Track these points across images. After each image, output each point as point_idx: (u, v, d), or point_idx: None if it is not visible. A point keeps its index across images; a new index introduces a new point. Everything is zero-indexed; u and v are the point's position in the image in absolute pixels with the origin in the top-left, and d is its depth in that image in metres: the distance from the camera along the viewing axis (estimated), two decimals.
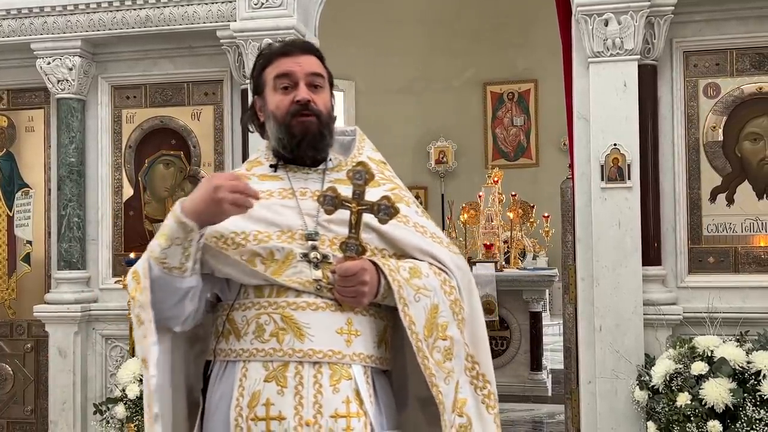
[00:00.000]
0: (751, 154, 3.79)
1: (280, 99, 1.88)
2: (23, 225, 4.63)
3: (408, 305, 1.76)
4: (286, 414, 1.72)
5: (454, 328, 1.81)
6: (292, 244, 1.80)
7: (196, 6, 4.19)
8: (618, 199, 3.66)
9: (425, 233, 1.89)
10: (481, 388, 1.85)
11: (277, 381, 1.74)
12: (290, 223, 1.82)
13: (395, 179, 2.01)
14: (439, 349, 1.77)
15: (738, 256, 3.76)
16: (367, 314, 1.82)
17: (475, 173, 10.29)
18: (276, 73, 1.89)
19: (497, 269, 6.88)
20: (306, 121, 1.86)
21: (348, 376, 1.76)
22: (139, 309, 1.76)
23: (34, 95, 4.66)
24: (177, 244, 1.72)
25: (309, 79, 1.89)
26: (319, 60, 1.95)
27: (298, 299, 1.78)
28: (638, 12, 3.62)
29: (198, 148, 4.44)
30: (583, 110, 3.78)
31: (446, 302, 1.81)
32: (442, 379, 1.77)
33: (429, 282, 1.80)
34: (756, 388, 3.26)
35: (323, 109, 1.89)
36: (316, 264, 1.78)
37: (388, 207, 1.74)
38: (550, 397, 6.64)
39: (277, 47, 1.95)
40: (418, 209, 1.96)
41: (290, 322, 1.76)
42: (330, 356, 1.75)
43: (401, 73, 10.51)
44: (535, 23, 9.83)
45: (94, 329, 4.45)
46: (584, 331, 3.76)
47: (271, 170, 1.93)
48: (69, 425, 4.35)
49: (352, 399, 1.75)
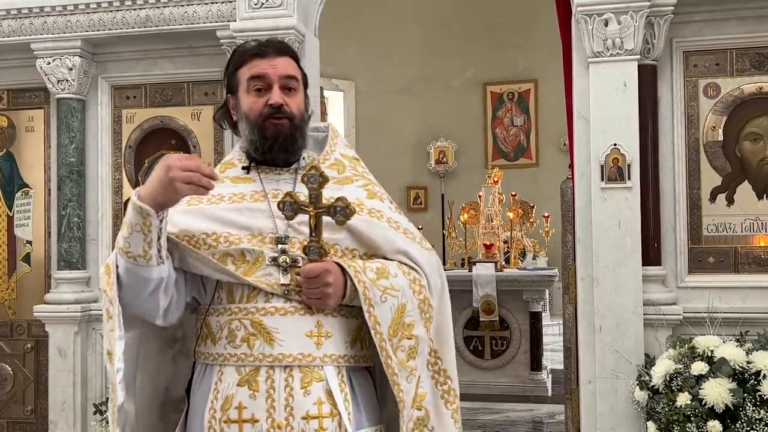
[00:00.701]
0: (751, 154, 3.79)
1: (254, 101, 1.89)
2: (23, 225, 4.63)
3: (373, 306, 1.77)
4: (258, 417, 1.76)
5: (421, 326, 1.83)
6: (262, 247, 1.81)
7: (196, 6, 4.19)
8: (618, 199, 3.66)
9: (398, 228, 1.90)
10: (442, 383, 1.88)
11: (250, 385, 1.78)
12: (261, 225, 1.83)
13: (368, 175, 2.02)
14: (403, 348, 1.79)
15: (738, 256, 3.77)
16: (338, 315, 1.83)
17: (475, 173, 10.29)
18: (250, 74, 1.90)
19: (497, 269, 6.88)
20: (278, 124, 1.87)
21: (319, 378, 1.78)
22: (108, 303, 1.79)
23: (34, 95, 4.66)
24: (137, 230, 1.71)
25: (283, 81, 1.89)
26: (294, 61, 1.95)
27: (267, 304, 1.79)
28: (638, 12, 3.62)
29: (198, 148, 4.44)
30: (583, 110, 3.78)
31: (414, 301, 1.82)
32: (404, 378, 1.79)
33: (397, 282, 1.81)
34: (756, 388, 3.26)
35: (296, 111, 1.90)
36: (284, 268, 1.79)
37: (343, 208, 1.76)
38: (550, 397, 6.64)
39: (252, 47, 1.94)
40: (392, 205, 1.97)
41: (260, 328, 1.79)
42: (300, 359, 1.77)
43: (401, 73, 10.52)
44: (534, 23, 9.83)
45: (94, 329, 4.45)
46: (584, 331, 3.76)
47: (243, 172, 1.94)
48: (69, 425, 4.35)
49: (324, 400, 1.77)
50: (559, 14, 4.02)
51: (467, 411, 5.89)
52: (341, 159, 2.01)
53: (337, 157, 2.00)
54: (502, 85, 11.02)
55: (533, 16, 9.80)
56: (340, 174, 1.96)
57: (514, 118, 11.09)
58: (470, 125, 11.01)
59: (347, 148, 2.07)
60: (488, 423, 5.86)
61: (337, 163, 1.99)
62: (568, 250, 4.19)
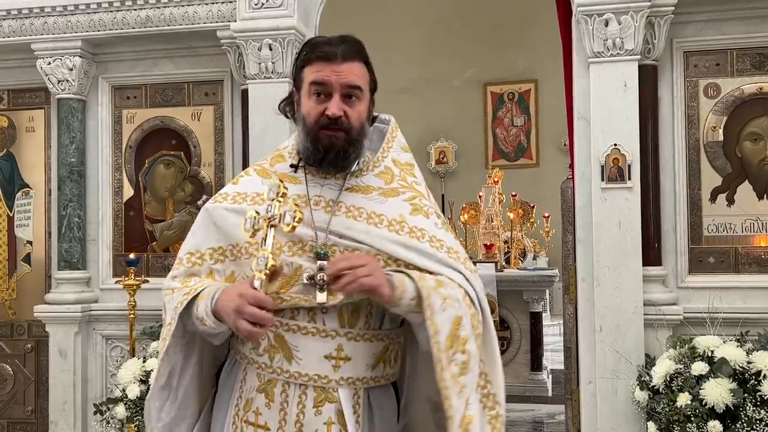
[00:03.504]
0: (752, 155, 3.79)
1: (313, 106, 1.81)
2: (23, 225, 4.64)
3: (435, 314, 1.71)
4: (270, 426, 1.78)
5: (473, 342, 1.76)
6: (302, 258, 1.77)
7: (196, 6, 4.19)
8: (618, 200, 3.66)
9: (441, 247, 1.81)
10: (490, 408, 1.81)
11: (266, 394, 1.79)
12: (301, 234, 1.77)
13: (418, 186, 1.92)
14: (456, 362, 1.73)
15: (738, 257, 3.76)
16: (362, 340, 1.80)
17: (476, 173, 10.29)
18: (312, 79, 1.81)
19: (497, 269, 6.88)
20: (333, 136, 1.79)
21: (333, 399, 1.78)
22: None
23: (35, 95, 4.66)
24: (205, 328, 1.80)
25: (345, 90, 1.80)
26: (364, 65, 1.86)
27: (291, 321, 1.78)
28: (638, 12, 3.62)
29: (198, 149, 4.44)
30: (583, 110, 3.78)
31: (468, 315, 1.76)
32: (456, 393, 1.72)
33: (454, 293, 1.76)
34: (756, 389, 3.26)
35: (355, 123, 1.81)
36: (321, 287, 1.69)
37: (292, 212, 1.68)
38: (551, 398, 6.64)
39: (321, 48, 1.82)
40: (438, 220, 1.87)
41: (281, 342, 1.79)
42: (315, 380, 1.77)
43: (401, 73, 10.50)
44: (535, 23, 9.82)
45: (94, 329, 4.46)
46: (584, 332, 3.76)
47: (291, 170, 1.89)
48: (69, 425, 4.35)
49: (335, 420, 1.77)
50: (559, 14, 4.02)
51: None
52: (391, 167, 1.92)
53: (387, 165, 1.91)
54: (502, 85, 11.01)
55: (533, 17, 9.79)
56: (387, 185, 1.88)
57: (514, 119, 11.08)
58: (470, 125, 11.01)
59: (403, 151, 1.97)
60: None
61: (386, 171, 1.90)
62: (569, 250, 4.19)
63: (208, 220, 1.89)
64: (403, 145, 1.99)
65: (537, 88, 10.90)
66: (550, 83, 9.69)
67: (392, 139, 1.97)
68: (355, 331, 1.80)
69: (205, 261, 1.88)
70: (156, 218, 4.46)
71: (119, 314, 4.32)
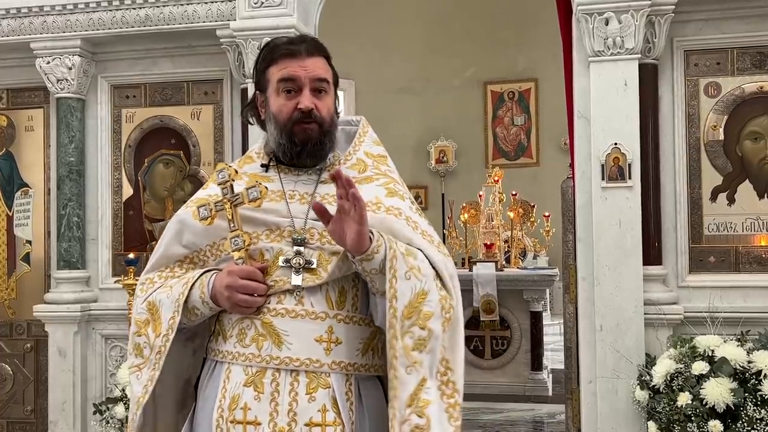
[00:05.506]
0: (752, 154, 3.78)
1: (283, 103, 1.85)
2: (23, 225, 4.63)
3: (396, 279, 1.70)
4: (261, 420, 1.74)
5: (438, 323, 1.72)
6: (281, 243, 1.81)
7: (195, 5, 4.19)
8: (619, 199, 3.66)
9: (416, 228, 1.85)
10: (449, 396, 1.75)
11: (255, 386, 1.76)
12: (278, 221, 1.83)
13: (391, 173, 1.97)
14: (412, 335, 1.69)
15: (739, 256, 3.76)
16: (351, 322, 1.81)
17: (476, 172, 10.28)
18: (280, 76, 1.85)
19: (498, 269, 6.87)
20: (308, 129, 1.84)
21: (326, 385, 1.76)
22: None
23: (34, 95, 4.65)
24: (196, 313, 1.87)
25: (314, 84, 1.85)
26: (326, 60, 1.91)
27: (279, 305, 1.78)
28: (639, 11, 3.62)
29: (198, 148, 4.43)
30: (583, 109, 3.77)
31: (436, 294, 1.74)
32: (404, 366, 1.68)
33: (423, 266, 1.76)
34: (757, 388, 3.25)
35: (326, 115, 1.86)
36: (297, 270, 1.77)
37: (254, 188, 1.80)
38: (551, 397, 6.63)
39: (284, 46, 1.88)
40: (413, 205, 1.92)
41: (269, 329, 1.77)
42: (307, 364, 1.76)
43: (401, 72, 10.50)
44: (535, 22, 9.82)
45: (93, 329, 4.45)
46: (585, 331, 3.75)
47: (262, 170, 1.93)
48: (69, 425, 4.35)
49: (329, 407, 1.75)
50: (559, 13, 4.01)
51: (468, 411, 5.88)
52: (364, 158, 1.96)
53: (359, 157, 1.96)
54: (502, 84, 11.01)
55: (533, 16, 9.78)
56: (360, 174, 1.91)
57: (514, 118, 11.08)
58: (471, 124, 11.00)
59: (375, 145, 2.01)
60: (488, 423, 5.85)
61: (358, 163, 1.95)
62: (569, 249, 4.18)
63: (178, 228, 1.94)
64: (375, 139, 2.03)
65: (537, 87, 10.90)
66: (551, 82, 9.68)
67: (364, 134, 2.02)
68: (344, 313, 1.80)
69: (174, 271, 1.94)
70: (155, 217, 4.45)
71: (119, 314, 4.31)
